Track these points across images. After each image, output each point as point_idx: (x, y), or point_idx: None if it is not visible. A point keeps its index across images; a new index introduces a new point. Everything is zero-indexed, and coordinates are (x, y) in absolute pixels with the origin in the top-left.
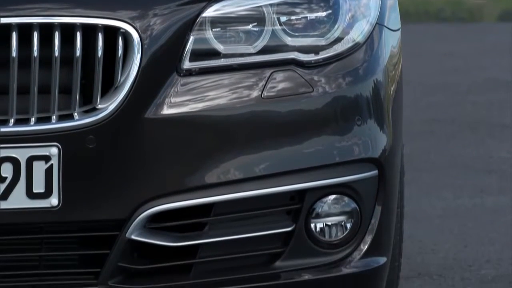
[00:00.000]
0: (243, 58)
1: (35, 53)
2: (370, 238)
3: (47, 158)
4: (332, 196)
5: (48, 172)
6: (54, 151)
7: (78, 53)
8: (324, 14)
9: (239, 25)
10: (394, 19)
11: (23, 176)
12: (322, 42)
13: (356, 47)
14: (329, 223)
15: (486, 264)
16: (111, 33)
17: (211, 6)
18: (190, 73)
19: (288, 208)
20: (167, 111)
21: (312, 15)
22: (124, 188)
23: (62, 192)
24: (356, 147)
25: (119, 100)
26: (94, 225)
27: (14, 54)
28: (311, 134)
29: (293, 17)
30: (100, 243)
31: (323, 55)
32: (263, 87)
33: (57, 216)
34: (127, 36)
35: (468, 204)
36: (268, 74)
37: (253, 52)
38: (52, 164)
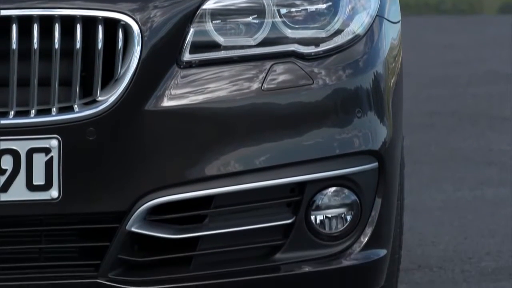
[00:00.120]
0: (243, 50)
1: (35, 45)
2: (370, 231)
3: (47, 150)
4: (332, 188)
5: (48, 164)
6: (54, 143)
7: (78, 45)
8: (324, 6)
9: (239, 17)
10: (394, 11)
11: (23, 168)
12: (322, 34)
13: (356, 39)
14: (329, 215)
15: (486, 256)
16: (111, 25)
17: None
18: (190, 65)
19: (288, 200)
20: (167, 103)
21: (312, 7)
22: (124, 180)
23: (62, 184)
24: (356, 139)
25: (119, 92)
26: (94, 217)
27: (14, 46)
28: (311, 126)
29: (293, 9)
30: (100, 236)
31: (323, 47)
32: (263, 79)
33: (57, 208)
34: (127, 28)
35: (468, 196)
36: (268, 66)
37: (253, 44)
38: (52, 156)
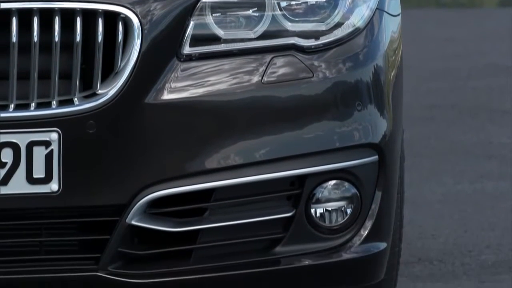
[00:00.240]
0: (243, 43)
1: (35, 38)
2: (370, 224)
3: (47, 143)
4: (332, 182)
5: (48, 157)
6: (54, 136)
7: (78, 38)
8: None
9: (239, 10)
10: (394, 4)
11: (23, 162)
12: (322, 27)
13: (356, 32)
14: (329, 209)
15: (486, 249)
16: (111, 18)
17: None
18: (190, 58)
19: (288, 194)
20: (167, 96)
21: (312, 0)
22: (124, 173)
23: (62, 177)
24: (356, 133)
25: (119, 86)
26: (94, 210)
27: (14, 39)
28: (311, 120)
29: (293, 2)
30: (100, 229)
31: (323, 40)
32: (263, 72)
33: (57, 202)
34: (127, 21)
35: (468, 189)
36: (268, 59)
37: (253, 37)
38: (52, 149)
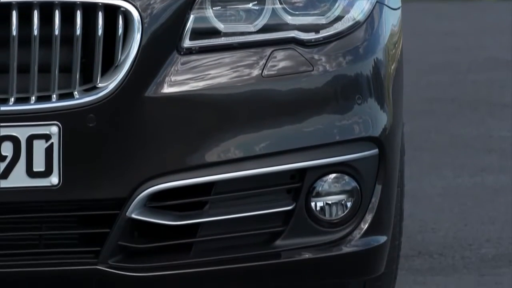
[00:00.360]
0: (243, 37)
1: (35, 32)
2: (370, 217)
3: (47, 137)
4: (333, 175)
5: (48, 151)
6: (54, 129)
7: (78, 32)
8: None
9: (239, 3)
10: None
11: (23, 155)
12: (323, 20)
13: (356, 25)
14: (329, 202)
15: (486, 243)
16: (111, 11)
17: None
18: (190, 51)
19: (289, 187)
20: (167, 89)
21: None
22: (125, 166)
23: (62, 170)
24: (356, 126)
25: (119, 79)
26: (94, 204)
27: (14, 33)
28: (311, 113)
29: None
30: (100, 222)
31: (324, 33)
32: (263, 66)
33: (57, 195)
34: (127, 15)
35: (468, 183)
36: (269, 53)
37: (253, 30)
38: (52, 143)
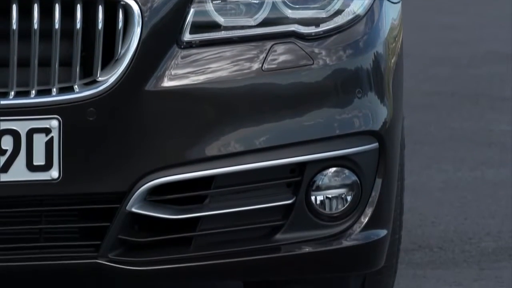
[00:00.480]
0: (243, 31)
1: (36, 25)
2: (370, 211)
3: (47, 131)
4: (333, 169)
5: (49, 145)
6: (55, 123)
7: (78, 25)
8: None
9: None
10: None
11: (24, 149)
12: (323, 14)
13: (356, 19)
14: (329, 196)
15: (486, 236)
16: (111, 5)
17: None
18: (190, 45)
19: (289, 181)
20: (167, 83)
21: None
22: (125, 160)
23: (63, 164)
24: (356, 120)
25: (119, 73)
26: (95, 197)
27: (15, 26)
28: (311, 107)
29: None
30: (101, 216)
31: (324, 27)
32: (263, 60)
33: (57, 189)
34: (127, 9)
35: (468, 177)
36: (269, 47)
37: (253, 24)
38: (52, 137)
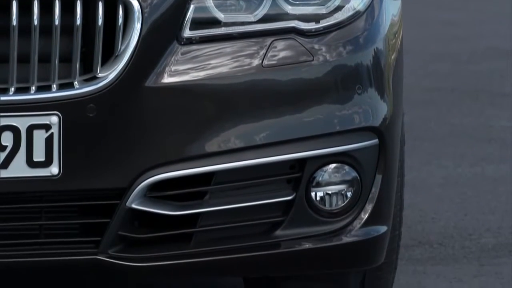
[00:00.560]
0: (243, 27)
1: (36, 21)
2: (370, 207)
3: (47, 127)
4: (333, 165)
5: (49, 141)
6: (55, 119)
7: (78, 21)
8: None
9: None
10: None
11: (24, 145)
12: (323, 10)
13: (356, 15)
14: (329, 192)
15: (486, 232)
16: (112, 1)
17: None
18: (190, 41)
19: (289, 177)
20: (167, 79)
21: None
22: (125, 157)
23: (63, 160)
24: (356, 116)
25: (119, 69)
26: (95, 193)
27: (15, 23)
28: (311, 103)
29: None
30: (101, 212)
31: (324, 23)
32: (263, 56)
33: (57, 185)
34: (127, 5)
35: (468, 173)
36: (269, 43)
37: (253, 20)
38: (52, 133)
